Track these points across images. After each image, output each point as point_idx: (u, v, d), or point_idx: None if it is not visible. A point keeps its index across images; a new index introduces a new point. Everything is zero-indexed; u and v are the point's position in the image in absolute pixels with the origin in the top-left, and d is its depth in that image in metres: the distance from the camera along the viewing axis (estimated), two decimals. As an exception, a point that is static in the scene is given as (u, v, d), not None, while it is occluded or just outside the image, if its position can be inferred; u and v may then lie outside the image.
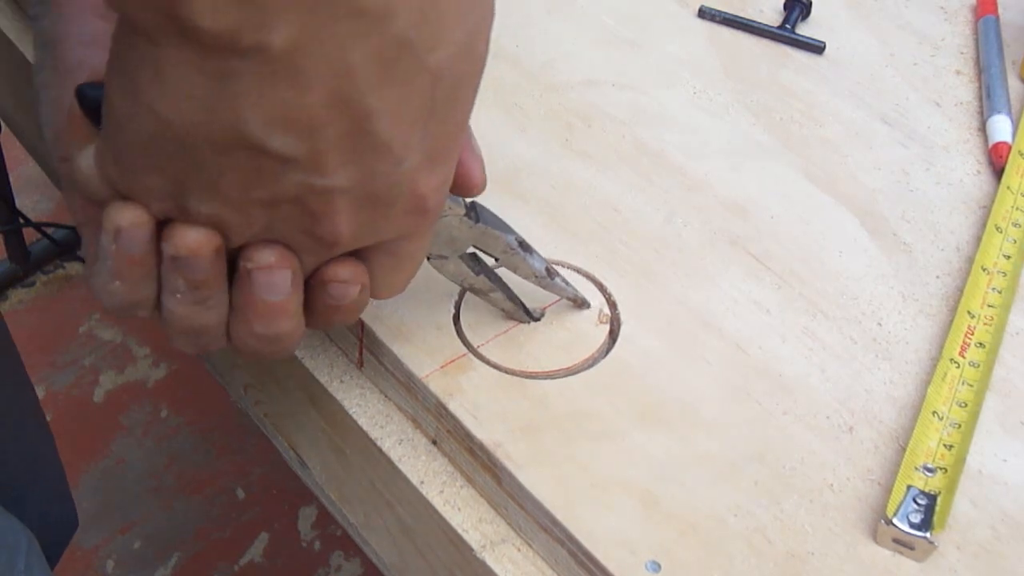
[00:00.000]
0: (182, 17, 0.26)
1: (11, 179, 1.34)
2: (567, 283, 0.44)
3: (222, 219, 0.32)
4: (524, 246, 0.42)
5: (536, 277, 0.43)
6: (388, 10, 0.28)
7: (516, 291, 0.44)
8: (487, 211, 0.41)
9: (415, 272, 0.37)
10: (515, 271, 0.43)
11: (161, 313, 0.35)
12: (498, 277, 0.43)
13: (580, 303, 0.45)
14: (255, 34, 0.27)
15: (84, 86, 0.33)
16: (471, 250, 0.41)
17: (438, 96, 0.31)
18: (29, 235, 1.52)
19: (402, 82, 0.30)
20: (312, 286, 0.35)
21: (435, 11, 0.29)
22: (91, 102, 0.32)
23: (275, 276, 0.34)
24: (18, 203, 1.41)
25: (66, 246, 1.54)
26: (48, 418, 1.35)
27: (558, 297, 0.44)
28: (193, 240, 0.32)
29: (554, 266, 0.44)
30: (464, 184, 0.38)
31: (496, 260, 0.42)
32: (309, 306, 0.36)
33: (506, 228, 0.41)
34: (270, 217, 0.32)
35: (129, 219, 0.32)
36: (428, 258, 0.41)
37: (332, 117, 0.29)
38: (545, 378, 0.42)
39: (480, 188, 0.38)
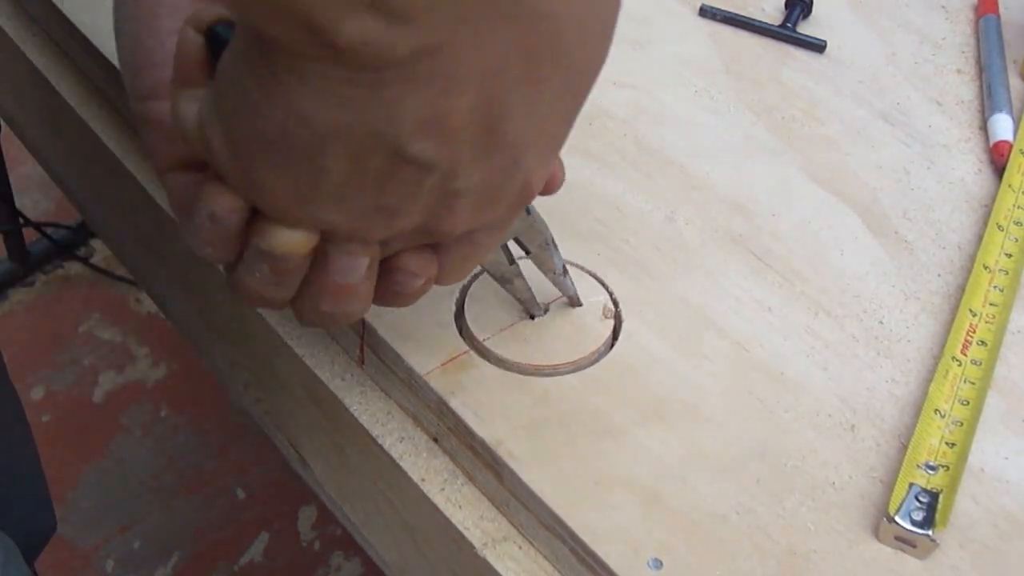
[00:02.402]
0: (335, 43, 0.25)
1: (11, 179, 1.34)
2: (573, 283, 0.45)
3: (337, 225, 0.31)
4: (554, 244, 0.43)
5: (554, 273, 0.43)
6: (549, 10, 0.27)
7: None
8: (532, 206, 0.41)
9: (483, 258, 0.37)
10: (541, 266, 0.43)
11: (231, 275, 0.34)
12: (518, 269, 0.43)
13: (575, 303, 0.45)
14: (407, 45, 0.26)
15: (219, 27, 0.31)
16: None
17: (568, 91, 0.31)
18: (29, 235, 1.52)
19: (543, 79, 0.29)
20: (381, 270, 0.35)
21: (589, 7, 0.29)
22: (222, 44, 0.30)
23: (355, 261, 0.33)
24: (18, 203, 1.41)
25: (66, 246, 1.54)
26: (47, 418, 1.36)
27: (561, 294, 0.45)
28: (291, 241, 0.31)
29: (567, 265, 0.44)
30: (549, 182, 0.38)
31: (528, 253, 0.42)
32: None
33: (545, 224, 0.42)
34: (389, 222, 0.31)
35: (226, 206, 0.31)
36: None
37: (474, 118, 0.28)
38: (548, 374, 0.42)
39: (560, 186, 0.39)
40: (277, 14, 0.25)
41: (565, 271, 0.44)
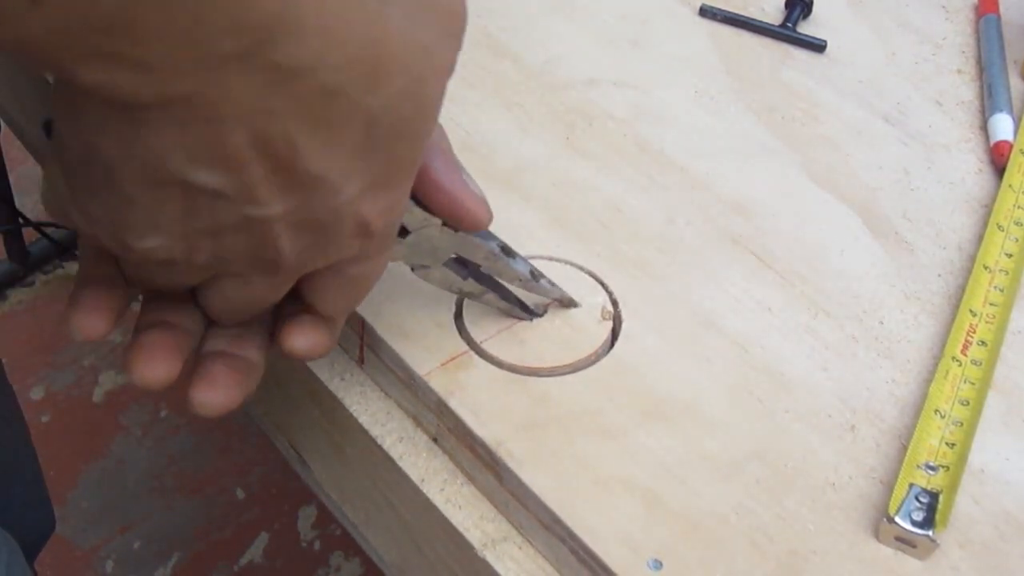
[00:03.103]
0: (76, 82, 0.26)
1: (11, 179, 1.34)
2: (553, 284, 0.44)
3: (166, 252, 0.32)
4: (507, 251, 0.42)
5: (520, 280, 0.42)
6: (310, 64, 0.27)
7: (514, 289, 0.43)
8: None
9: (365, 293, 0.38)
10: (499, 276, 0.42)
11: None
12: (489, 278, 0.42)
13: (567, 303, 0.44)
14: (152, 92, 0.26)
15: (47, 118, 0.33)
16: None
17: (378, 133, 0.30)
18: (29, 235, 1.52)
19: (332, 123, 0.29)
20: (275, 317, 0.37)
21: (370, 62, 0.28)
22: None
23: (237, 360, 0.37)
24: (18, 203, 1.41)
25: (66, 246, 1.54)
26: (47, 418, 1.36)
27: (560, 295, 0.44)
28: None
29: (539, 270, 0.43)
30: (470, 224, 0.38)
31: (479, 267, 0.42)
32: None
33: (487, 235, 0.41)
34: (215, 245, 0.32)
35: (80, 331, 0.36)
36: (412, 269, 0.40)
37: (257, 155, 0.29)
38: (547, 375, 0.42)
39: (486, 224, 0.39)
40: (31, 57, 0.26)
41: (535, 276, 0.43)
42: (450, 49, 0.32)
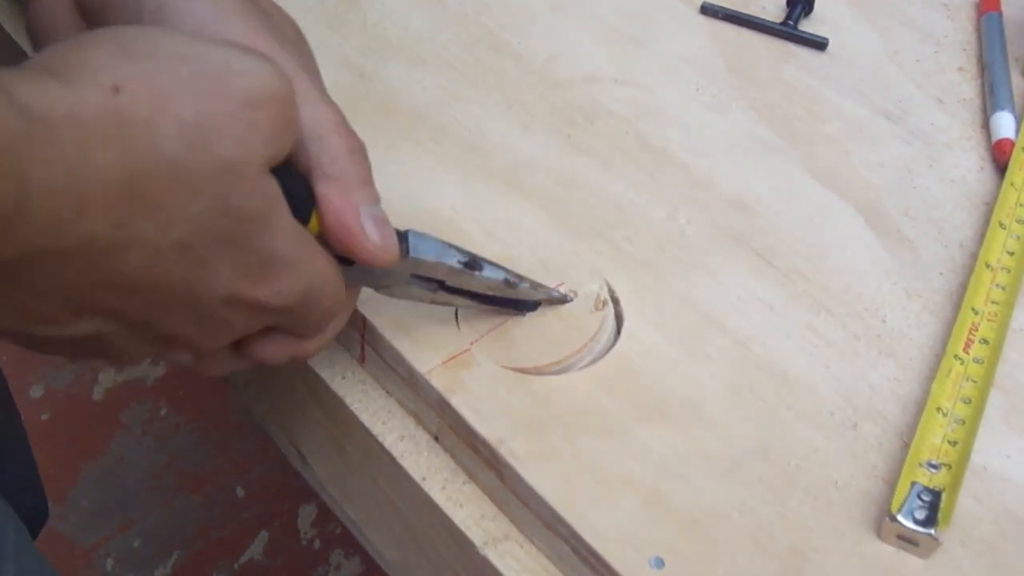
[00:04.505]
0: None
1: (11, 177, 1.33)
2: (538, 287, 0.43)
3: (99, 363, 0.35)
4: (472, 265, 0.40)
5: (493, 288, 0.42)
6: (79, 243, 0.27)
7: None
8: (424, 238, 0.39)
9: (330, 338, 0.39)
10: (468, 287, 0.41)
11: None
12: (455, 288, 0.41)
13: (557, 301, 0.44)
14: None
15: None
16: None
17: (204, 250, 0.30)
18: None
19: (141, 264, 0.29)
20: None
21: (142, 211, 0.28)
22: None
23: (201, 369, 0.37)
24: (18, 201, 1.40)
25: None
26: (47, 416, 1.36)
27: (546, 296, 0.44)
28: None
29: (517, 273, 0.42)
30: (367, 264, 0.37)
31: (443, 284, 0.41)
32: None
33: (445, 252, 0.40)
34: (128, 358, 0.34)
35: None
36: (376, 289, 0.40)
37: (97, 307, 0.30)
38: (536, 374, 0.42)
39: (383, 264, 0.37)
40: None
41: (511, 283, 0.42)
42: (262, 146, 0.31)
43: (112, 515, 1.28)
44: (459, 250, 0.40)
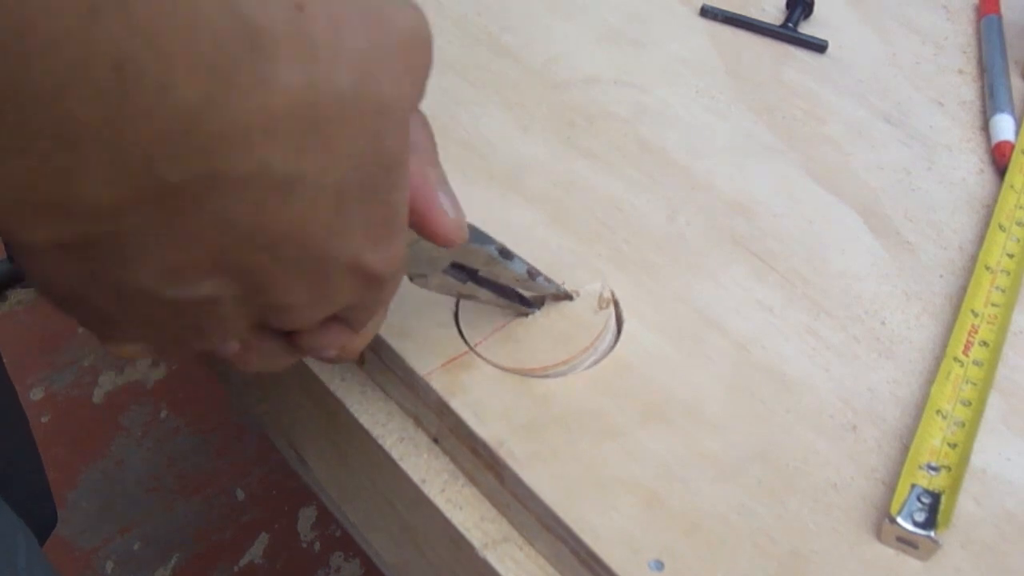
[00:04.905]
0: (17, 241, 0.26)
1: (11, 179, 1.33)
2: (549, 281, 0.43)
3: (158, 345, 0.32)
4: (505, 253, 0.41)
5: (518, 280, 0.42)
6: (256, 170, 0.26)
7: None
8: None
9: (373, 334, 0.38)
10: (498, 279, 0.42)
11: None
12: (487, 279, 0.42)
13: (563, 297, 0.44)
14: (104, 227, 0.26)
15: None
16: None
17: (352, 198, 0.30)
18: (29, 235, 1.51)
19: (300, 208, 0.28)
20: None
21: (315, 144, 0.27)
22: None
23: (243, 363, 0.35)
24: (18, 203, 1.40)
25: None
26: (47, 419, 1.36)
27: (556, 291, 0.44)
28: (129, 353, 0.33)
29: (535, 268, 0.43)
30: (442, 244, 0.36)
31: (477, 271, 0.41)
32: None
33: (486, 239, 0.40)
34: (204, 339, 0.32)
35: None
36: (410, 278, 0.40)
37: (235, 260, 0.28)
38: (542, 375, 0.42)
39: (457, 241, 0.36)
40: None
41: (532, 275, 0.42)
42: (411, 88, 0.30)
43: (112, 518, 1.28)
44: (493, 239, 0.41)
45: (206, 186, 0.26)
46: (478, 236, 0.40)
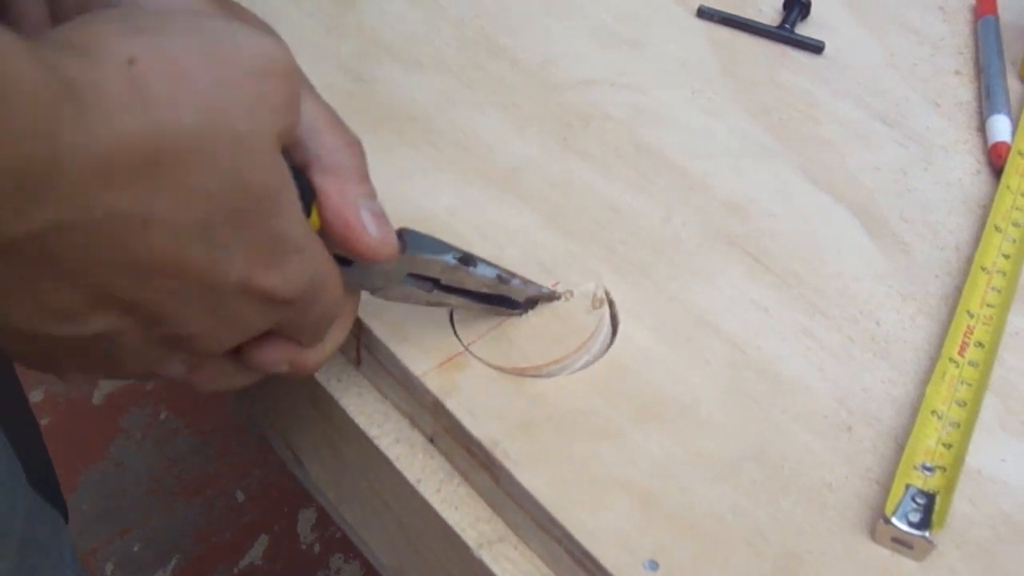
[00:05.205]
0: None
1: (11, 181, 1.33)
2: (528, 282, 0.43)
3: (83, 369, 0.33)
4: (467, 260, 0.41)
5: (487, 285, 0.42)
6: (105, 215, 0.27)
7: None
8: (419, 236, 0.40)
9: (335, 347, 0.38)
10: (462, 285, 0.41)
11: None
12: (450, 287, 0.41)
13: (548, 298, 0.44)
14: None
15: None
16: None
17: (222, 229, 0.30)
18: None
19: (162, 244, 0.29)
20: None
21: (163, 183, 0.28)
22: None
23: (197, 384, 0.36)
24: (18, 205, 1.40)
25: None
26: (47, 421, 1.36)
27: (537, 292, 0.44)
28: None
29: (508, 271, 0.42)
30: (371, 259, 0.36)
31: (437, 281, 0.41)
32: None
33: (441, 248, 0.40)
34: (121, 369, 0.33)
35: None
36: (370, 292, 0.40)
37: (118, 296, 0.29)
38: (534, 375, 0.42)
39: (382, 258, 0.36)
40: None
41: (504, 280, 0.42)
42: (269, 117, 0.31)
43: (112, 519, 1.28)
44: (452, 247, 0.41)
45: (55, 235, 0.27)
46: (431, 246, 0.40)
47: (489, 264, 0.42)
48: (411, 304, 0.41)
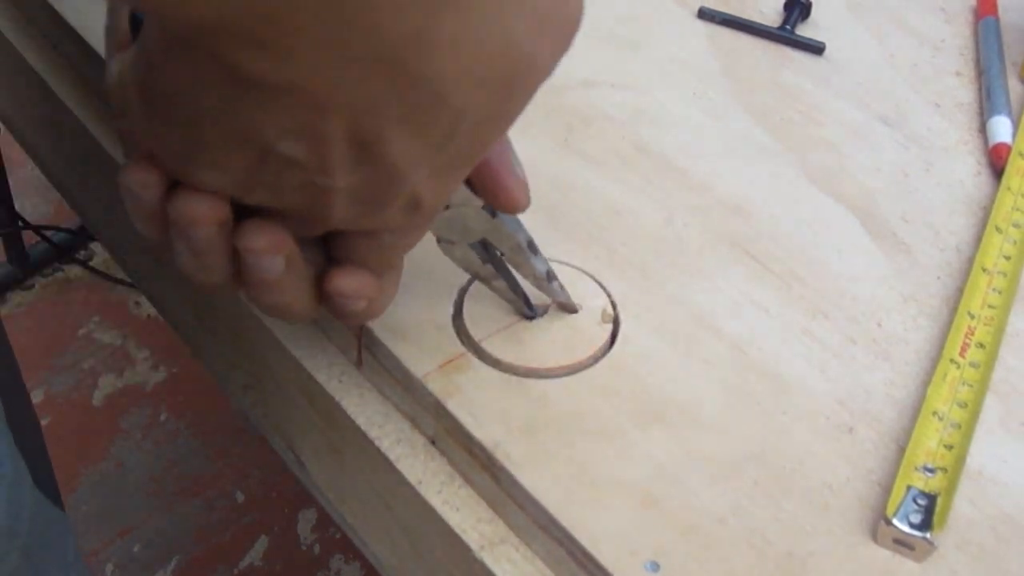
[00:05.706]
0: (219, 54, 0.27)
1: (10, 181, 1.34)
2: (563, 288, 0.44)
3: (220, 187, 0.32)
4: (532, 247, 0.42)
5: (535, 278, 0.43)
6: (431, 75, 0.28)
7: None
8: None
9: (398, 258, 0.38)
10: (518, 269, 0.42)
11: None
12: (505, 267, 0.43)
13: (570, 309, 0.45)
14: (282, 77, 0.27)
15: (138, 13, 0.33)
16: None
17: (459, 130, 0.31)
18: (28, 238, 1.52)
19: (427, 124, 0.30)
20: (322, 291, 0.36)
21: (483, 77, 0.29)
22: (138, 24, 0.32)
23: (263, 260, 0.34)
24: (17, 206, 1.41)
25: (65, 249, 1.54)
26: (47, 421, 1.36)
27: (552, 300, 0.44)
28: (194, 210, 0.33)
29: (554, 271, 0.44)
30: (507, 205, 0.38)
31: (502, 255, 0.42)
32: (324, 301, 0.37)
33: (519, 227, 0.41)
34: (271, 196, 0.32)
35: (134, 181, 0.33)
36: (438, 241, 0.41)
37: (346, 136, 0.29)
38: (544, 376, 0.42)
39: (522, 208, 0.38)
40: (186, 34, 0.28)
41: (550, 277, 0.43)
42: (554, 57, 0.33)
43: (112, 520, 1.28)
44: (526, 230, 0.42)
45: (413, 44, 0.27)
46: (514, 223, 0.41)
47: (544, 259, 0.43)
48: (461, 268, 0.42)
